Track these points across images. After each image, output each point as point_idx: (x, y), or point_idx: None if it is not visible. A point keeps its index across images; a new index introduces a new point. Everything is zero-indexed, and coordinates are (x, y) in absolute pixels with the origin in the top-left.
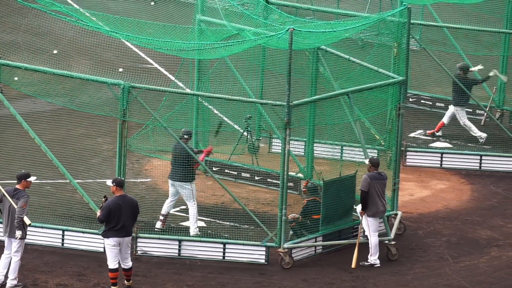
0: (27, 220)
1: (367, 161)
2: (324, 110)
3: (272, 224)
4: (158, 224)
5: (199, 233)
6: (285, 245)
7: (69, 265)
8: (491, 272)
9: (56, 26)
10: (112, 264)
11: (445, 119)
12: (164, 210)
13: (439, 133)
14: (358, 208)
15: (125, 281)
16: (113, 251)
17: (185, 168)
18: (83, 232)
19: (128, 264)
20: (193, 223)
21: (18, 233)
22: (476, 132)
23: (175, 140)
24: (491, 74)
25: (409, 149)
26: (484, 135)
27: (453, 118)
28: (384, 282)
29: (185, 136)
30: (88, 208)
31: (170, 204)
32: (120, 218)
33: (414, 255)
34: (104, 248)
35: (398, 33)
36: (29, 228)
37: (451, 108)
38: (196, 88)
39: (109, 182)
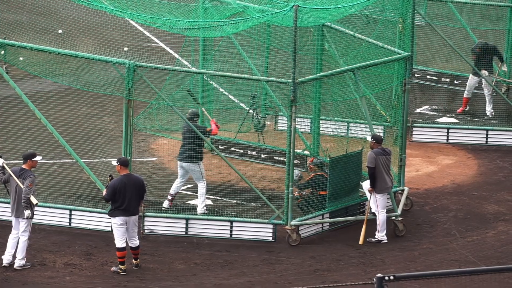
0: (34, 200)
1: (369, 138)
2: (330, 87)
3: (279, 202)
4: (166, 203)
5: (206, 212)
6: (292, 222)
7: (77, 245)
8: (498, 246)
9: (61, 5)
10: (119, 243)
11: (467, 95)
12: (172, 190)
13: (467, 108)
14: (365, 185)
15: (133, 260)
16: (119, 230)
17: (193, 149)
18: (90, 212)
19: (135, 242)
20: (201, 202)
21: (27, 213)
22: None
23: (184, 121)
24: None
25: (415, 124)
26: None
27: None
28: (391, 258)
29: (194, 119)
30: (95, 187)
31: (179, 185)
32: (126, 197)
33: (421, 230)
34: (111, 227)
35: (403, 9)
36: (36, 208)
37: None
38: (201, 67)
39: (114, 162)
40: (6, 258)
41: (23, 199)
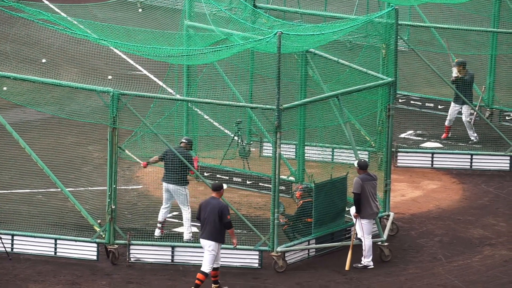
0: None
1: (356, 163)
2: (314, 113)
3: (264, 228)
4: (157, 232)
5: (192, 239)
6: (278, 249)
7: (63, 274)
8: (484, 271)
9: (44, 35)
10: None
11: (449, 123)
12: (160, 218)
13: (450, 135)
14: (352, 210)
15: (212, 284)
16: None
17: (181, 172)
18: (76, 241)
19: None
20: (187, 228)
21: None
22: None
23: (171, 145)
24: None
25: (400, 150)
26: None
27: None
28: (378, 284)
29: (188, 142)
30: (80, 216)
31: (165, 210)
32: (204, 219)
33: (407, 255)
34: (97, 256)
35: (386, 35)
36: (21, 238)
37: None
38: (185, 94)
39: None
40: None
41: None
